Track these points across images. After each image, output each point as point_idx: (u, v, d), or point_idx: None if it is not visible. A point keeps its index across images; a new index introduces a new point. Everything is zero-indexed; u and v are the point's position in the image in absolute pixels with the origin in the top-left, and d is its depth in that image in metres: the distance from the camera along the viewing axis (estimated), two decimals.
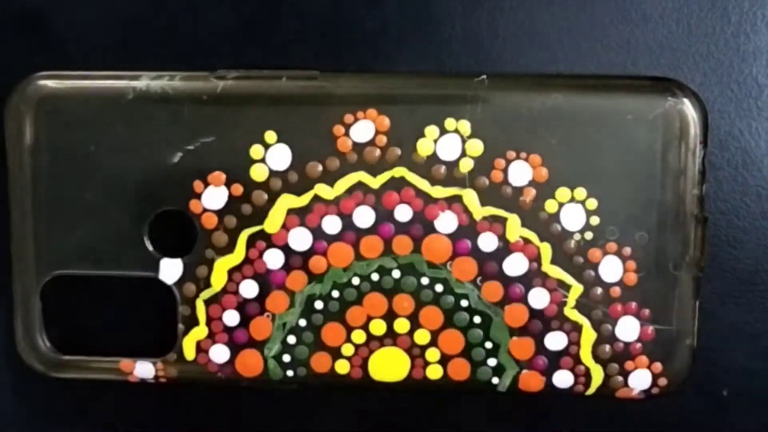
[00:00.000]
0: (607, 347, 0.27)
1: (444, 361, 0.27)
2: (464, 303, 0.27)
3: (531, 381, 0.27)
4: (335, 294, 0.27)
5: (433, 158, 0.26)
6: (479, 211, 0.26)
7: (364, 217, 0.27)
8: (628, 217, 0.26)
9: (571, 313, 0.27)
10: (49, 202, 0.27)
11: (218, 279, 0.27)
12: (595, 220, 0.26)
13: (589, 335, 0.27)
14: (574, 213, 0.26)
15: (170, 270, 0.27)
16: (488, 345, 0.27)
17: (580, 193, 0.26)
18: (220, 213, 0.27)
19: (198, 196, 0.27)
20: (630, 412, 0.29)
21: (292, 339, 0.27)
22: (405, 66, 0.28)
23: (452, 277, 0.27)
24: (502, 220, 0.26)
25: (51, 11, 0.28)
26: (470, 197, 0.26)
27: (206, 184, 0.27)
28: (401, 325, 0.27)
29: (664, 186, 0.26)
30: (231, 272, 0.27)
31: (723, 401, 0.29)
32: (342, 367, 0.27)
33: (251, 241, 0.27)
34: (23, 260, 0.27)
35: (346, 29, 0.28)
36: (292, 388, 0.28)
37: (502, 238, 0.26)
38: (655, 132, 0.26)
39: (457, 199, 0.26)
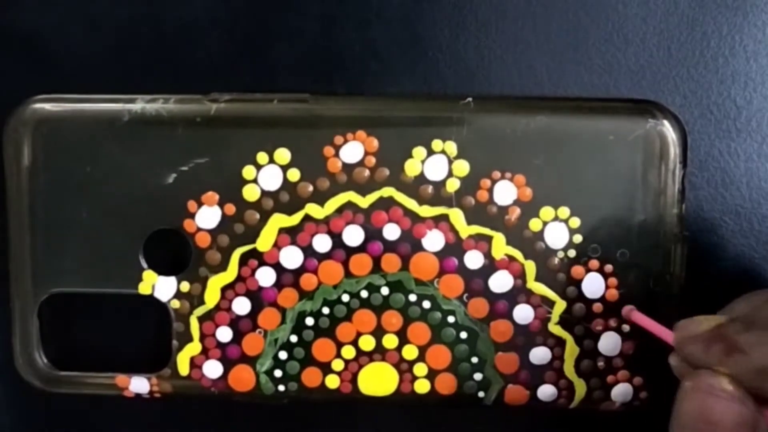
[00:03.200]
0: (590, 362, 0.27)
1: (431, 375, 0.28)
2: (451, 319, 0.27)
3: (516, 395, 0.28)
4: (325, 311, 0.28)
5: (421, 178, 0.27)
6: (465, 230, 0.27)
7: (353, 235, 0.27)
8: (610, 236, 0.27)
9: (555, 329, 0.27)
10: (47, 221, 0.27)
11: (212, 296, 0.28)
12: (578, 238, 0.27)
13: (572, 350, 0.27)
14: (557, 231, 0.27)
15: (165, 288, 0.28)
16: (474, 360, 0.28)
17: (564, 212, 0.27)
18: (214, 232, 0.27)
19: (192, 216, 0.27)
20: (614, 424, 0.29)
21: (283, 354, 0.28)
22: (393, 89, 0.28)
23: (439, 294, 0.27)
24: (488, 239, 0.27)
25: (48, 35, 0.29)
26: (457, 216, 0.27)
27: (200, 204, 0.27)
28: (390, 341, 0.28)
29: (645, 205, 0.26)
30: (224, 290, 0.28)
31: None
32: (332, 381, 0.28)
33: (244, 260, 0.27)
34: (21, 278, 0.28)
35: (336, 53, 0.28)
36: (283, 403, 0.28)
37: (487, 255, 0.27)
38: (636, 153, 0.26)
39: (444, 218, 0.27)
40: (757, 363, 0.21)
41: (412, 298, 0.27)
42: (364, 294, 0.27)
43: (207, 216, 0.27)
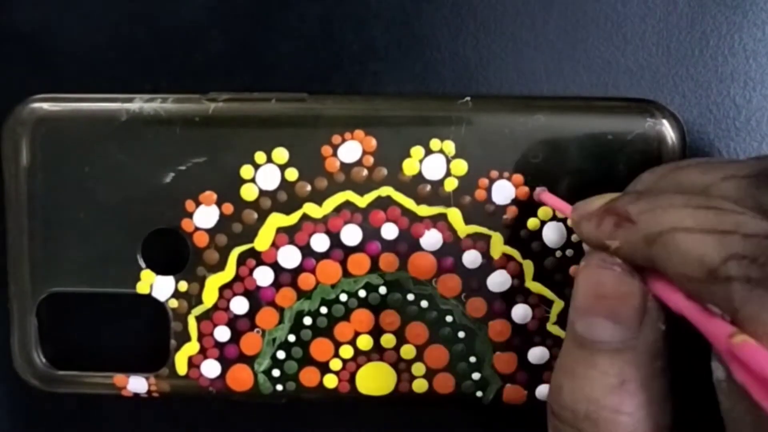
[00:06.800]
0: None
1: (429, 375, 0.28)
2: (449, 318, 0.27)
3: (514, 394, 0.28)
4: (323, 310, 0.28)
5: (419, 178, 0.27)
6: (463, 229, 0.27)
7: (351, 235, 0.27)
8: None
9: (553, 328, 0.27)
10: (45, 221, 0.28)
11: (209, 296, 0.28)
12: (576, 237, 0.27)
13: None
14: (555, 230, 0.27)
15: (163, 287, 0.28)
16: (472, 359, 0.28)
17: None
18: (212, 232, 0.27)
19: (190, 215, 0.27)
20: None
21: (281, 354, 0.28)
22: (391, 88, 0.28)
23: (437, 294, 0.27)
24: (486, 238, 0.27)
25: (46, 35, 0.29)
26: (455, 216, 0.27)
27: (198, 204, 0.27)
28: (388, 341, 0.28)
29: None
30: (222, 289, 0.28)
31: None
32: (330, 381, 0.28)
33: (242, 259, 0.27)
34: (19, 278, 0.28)
35: (335, 52, 0.28)
36: (281, 402, 0.28)
37: (485, 255, 0.27)
38: (635, 152, 0.26)
39: (442, 217, 0.27)
40: (644, 230, 0.20)
41: (410, 297, 0.27)
42: (362, 293, 0.27)
43: (205, 215, 0.27)
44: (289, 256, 0.27)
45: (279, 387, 0.28)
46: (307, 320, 0.28)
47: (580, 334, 0.21)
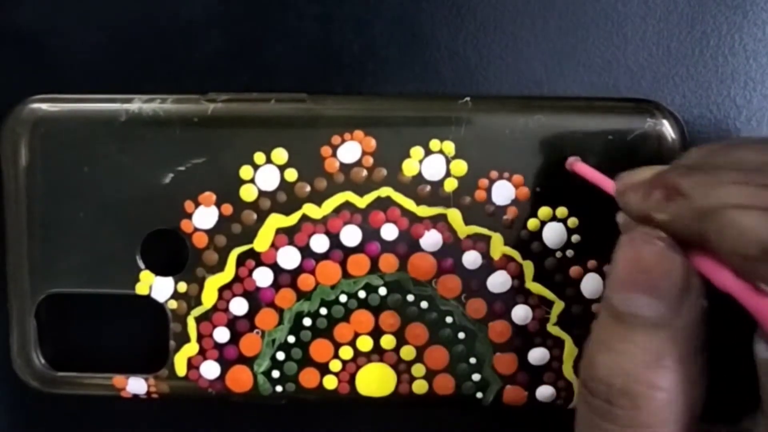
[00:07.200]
0: None
1: (429, 376, 0.28)
2: (449, 319, 0.27)
3: (514, 395, 0.28)
4: (323, 311, 0.28)
5: (419, 178, 0.27)
6: (463, 230, 0.27)
7: (351, 235, 0.27)
8: (609, 235, 0.26)
9: (554, 329, 0.27)
10: (44, 222, 0.27)
11: (209, 297, 0.28)
12: (576, 238, 0.27)
13: (571, 351, 0.27)
14: (555, 231, 0.27)
15: (162, 288, 0.28)
16: (472, 360, 0.27)
17: (562, 211, 0.27)
18: (211, 232, 0.27)
19: (189, 216, 0.27)
20: None
21: (281, 355, 0.28)
22: (391, 88, 0.28)
23: (437, 294, 0.27)
24: (486, 239, 0.27)
25: (45, 35, 0.29)
26: (455, 216, 0.27)
27: (197, 204, 0.27)
28: (387, 342, 0.28)
29: None
30: (221, 290, 0.28)
31: None
32: (330, 382, 0.28)
33: (241, 260, 0.27)
34: (18, 279, 0.28)
35: (334, 53, 0.28)
36: (281, 404, 0.28)
37: (485, 256, 0.27)
38: (635, 152, 0.26)
39: (442, 218, 0.27)
40: (697, 204, 0.20)
41: (410, 298, 0.27)
42: (361, 294, 0.27)
43: (204, 216, 0.27)
44: (289, 257, 0.27)
45: (279, 388, 0.28)
46: (307, 321, 0.28)
47: (618, 308, 0.21)
